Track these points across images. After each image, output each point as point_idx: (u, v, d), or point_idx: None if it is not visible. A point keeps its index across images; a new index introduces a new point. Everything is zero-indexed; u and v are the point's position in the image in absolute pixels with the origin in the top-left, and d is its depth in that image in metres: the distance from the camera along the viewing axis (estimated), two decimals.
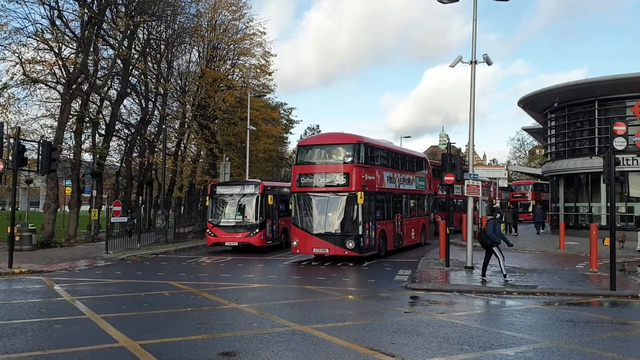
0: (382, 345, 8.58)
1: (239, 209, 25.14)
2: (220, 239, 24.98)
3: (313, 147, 21.63)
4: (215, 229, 25.12)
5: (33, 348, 8.33)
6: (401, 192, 24.63)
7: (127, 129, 36.46)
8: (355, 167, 19.92)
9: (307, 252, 20.50)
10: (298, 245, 20.38)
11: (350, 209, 19.78)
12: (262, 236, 24.58)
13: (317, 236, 20.07)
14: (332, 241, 19.84)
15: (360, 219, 19.60)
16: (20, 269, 17.55)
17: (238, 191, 25.64)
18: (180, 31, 36.43)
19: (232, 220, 25.02)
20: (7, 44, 26.31)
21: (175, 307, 11.91)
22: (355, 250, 19.58)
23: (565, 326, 10.46)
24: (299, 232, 20.44)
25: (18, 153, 18.11)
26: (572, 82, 32.58)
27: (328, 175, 20.22)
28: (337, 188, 19.96)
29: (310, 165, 20.83)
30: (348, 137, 21.22)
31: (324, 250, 20.07)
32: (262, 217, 24.67)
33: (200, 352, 8.19)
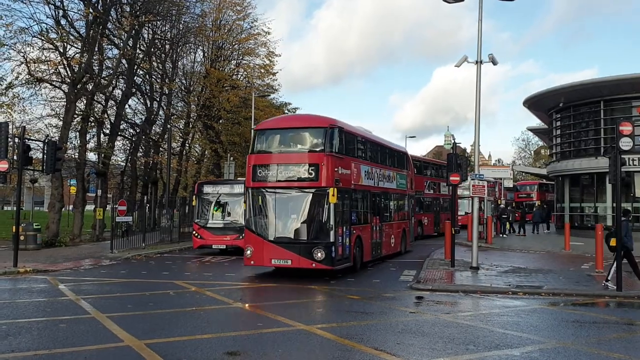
0: (388, 345, 8.56)
1: (227, 209, 23.81)
2: (208, 242, 23.43)
3: (273, 132, 17.45)
4: (202, 231, 23.58)
5: (39, 347, 8.34)
6: (380, 191, 20.58)
7: (132, 129, 36.51)
8: (326, 156, 15.88)
9: (264, 263, 16.32)
10: (252, 255, 16.23)
11: (319, 209, 15.82)
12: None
13: (277, 244, 15.92)
14: (296, 250, 15.78)
15: (332, 223, 15.58)
16: (25, 268, 17.60)
17: (226, 190, 24.23)
18: (185, 31, 36.47)
19: (220, 222, 23.56)
20: (13, 43, 26.42)
21: (180, 306, 11.91)
22: (325, 261, 15.50)
23: (571, 327, 10.42)
24: (254, 239, 16.29)
25: (23, 152, 18.15)
26: (578, 82, 32.49)
27: (291, 167, 16.26)
28: (303, 183, 16.04)
29: (268, 155, 16.86)
30: (317, 120, 17.23)
31: (285, 262, 15.91)
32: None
33: (206, 352, 8.18)
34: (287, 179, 16.22)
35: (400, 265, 19.77)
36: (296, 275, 16.48)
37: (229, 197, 23.95)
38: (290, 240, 16.02)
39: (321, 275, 16.25)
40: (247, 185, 16.78)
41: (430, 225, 34.69)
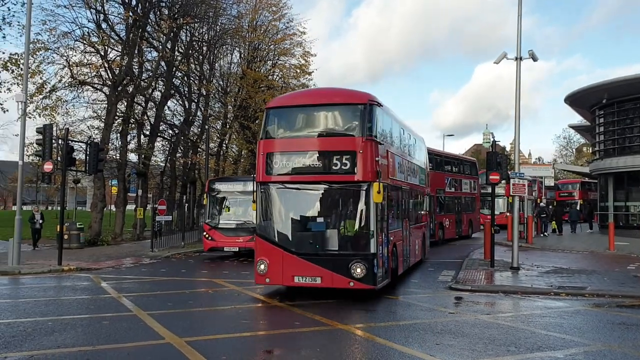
0: (427, 345, 8.46)
1: (240, 208, 21.96)
2: (219, 243, 21.58)
3: (293, 111, 13.61)
4: (213, 232, 21.82)
5: (83, 343, 8.54)
6: (408, 188, 17.29)
7: (171, 130, 37.07)
8: (365, 142, 12.30)
9: (284, 282, 12.69)
10: (268, 271, 12.57)
11: (356, 211, 12.45)
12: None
13: (302, 256, 12.30)
14: (328, 265, 12.13)
15: (373, 228, 12.19)
16: (69, 266, 18.06)
17: (240, 188, 22.22)
18: (222, 32, 36.83)
19: (232, 222, 21.70)
20: (56, 47, 27.13)
21: (219, 304, 12.04)
22: (366, 279, 11.92)
23: (617, 329, 10.11)
24: (269, 249, 12.66)
25: (67, 154, 18.62)
26: (622, 78, 31.55)
27: (318, 156, 12.62)
28: (334, 177, 12.45)
29: (287, 140, 13.13)
30: (353, 95, 13.60)
31: (312, 280, 12.24)
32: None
33: (245, 350, 8.24)
34: (313, 171, 12.59)
35: (439, 265, 19.53)
36: None
37: (242, 195, 22.01)
38: (320, 251, 12.41)
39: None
40: (257, 179, 13.09)
41: (452, 228, 30.82)
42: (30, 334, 9.06)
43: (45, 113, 26.43)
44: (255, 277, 12.98)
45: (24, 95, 18.96)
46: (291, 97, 15.31)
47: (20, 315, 10.75)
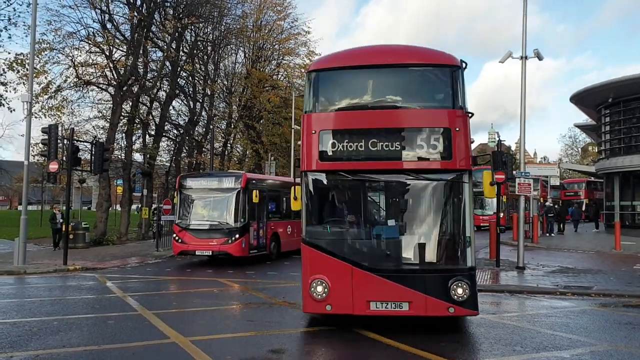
0: (432, 345, 8.43)
1: (215, 208, 19.77)
2: (190, 247, 19.17)
3: (357, 74, 10.04)
4: (183, 234, 19.36)
5: (88, 343, 8.55)
6: None
7: (176, 130, 37.16)
8: (463, 116, 9.27)
9: (355, 310, 9.04)
10: (330, 295, 9.05)
11: (451, 210, 9.46)
12: (243, 244, 18.74)
13: (382, 274, 8.99)
14: (418, 286, 8.92)
15: (470, 233, 9.14)
16: (74, 266, 18.11)
17: (214, 185, 19.94)
18: (227, 32, 36.89)
19: (205, 223, 19.38)
20: (61, 47, 27.23)
21: (224, 304, 12.04)
22: (468, 303, 8.86)
23: (623, 329, 10.06)
24: (330, 265, 9.19)
25: (72, 153, 18.66)
26: (627, 77, 31.41)
27: (398, 135, 9.31)
28: (421, 164, 9.27)
29: (353, 114, 9.82)
30: (439, 55, 9.88)
31: (397, 306, 8.96)
32: (244, 219, 18.95)
33: (250, 349, 8.23)
34: (390, 155, 9.22)
35: None
36: None
37: (216, 192, 19.82)
38: (405, 266, 9.33)
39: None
40: (305, 168, 9.60)
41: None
42: (35, 334, 9.08)
43: (51, 113, 26.52)
44: (306, 303, 9.33)
45: (29, 96, 19.02)
46: (352, 55, 10.36)
47: (25, 314, 10.78)
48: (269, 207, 21.00)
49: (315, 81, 9.91)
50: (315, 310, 9.42)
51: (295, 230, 22.15)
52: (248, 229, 19.15)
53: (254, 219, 19.56)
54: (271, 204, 21.24)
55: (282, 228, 21.65)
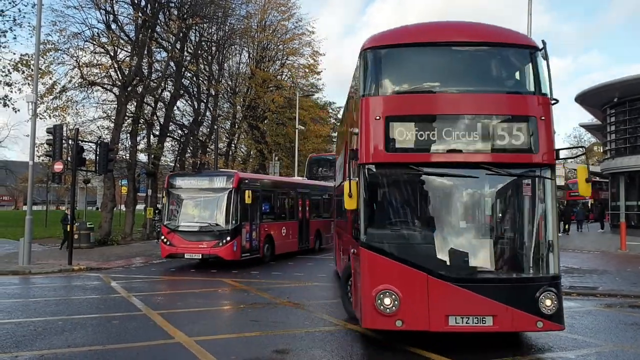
0: (436, 345, 8.40)
1: (205, 208, 18.74)
2: (179, 250, 18.13)
3: (426, 50, 8.85)
4: (171, 236, 18.33)
5: (93, 343, 8.56)
6: None
7: (181, 130, 37.18)
8: (547, 104, 8.35)
9: (431, 326, 7.90)
10: (401, 308, 7.87)
11: (534, 210, 8.40)
12: (234, 246, 17.86)
13: (462, 284, 7.94)
14: (502, 297, 7.89)
15: (553, 237, 8.20)
16: (79, 266, 18.14)
17: (204, 185, 18.93)
18: (231, 33, 36.91)
19: (194, 224, 18.36)
20: (66, 48, 27.27)
21: (228, 304, 12.05)
22: (556, 317, 7.93)
23: (629, 329, 10.02)
24: (399, 273, 8.04)
25: (77, 154, 18.69)
26: (633, 76, 31.26)
27: (479, 124, 8.23)
28: (505, 157, 8.23)
29: (425, 97, 8.58)
30: (517, 35, 8.95)
31: (480, 320, 7.89)
32: (235, 221, 18.00)
33: (255, 349, 8.23)
34: (467, 147, 8.18)
35: None
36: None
37: (206, 192, 18.78)
38: (488, 275, 8.22)
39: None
40: (364, 160, 8.28)
41: None
42: (40, 333, 9.10)
43: (56, 113, 26.58)
44: (368, 318, 8.04)
45: (34, 96, 19.07)
46: (423, 31, 9.05)
47: (30, 314, 10.80)
48: (263, 207, 20.09)
49: (376, 60, 8.71)
50: (381, 326, 8.06)
51: (291, 232, 22.13)
52: (240, 231, 18.18)
53: (246, 221, 18.62)
54: (265, 205, 20.37)
55: (276, 230, 20.88)
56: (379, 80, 8.67)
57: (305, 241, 23.50)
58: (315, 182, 26.95)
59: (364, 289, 8.13)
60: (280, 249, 21.01)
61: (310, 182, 26.66)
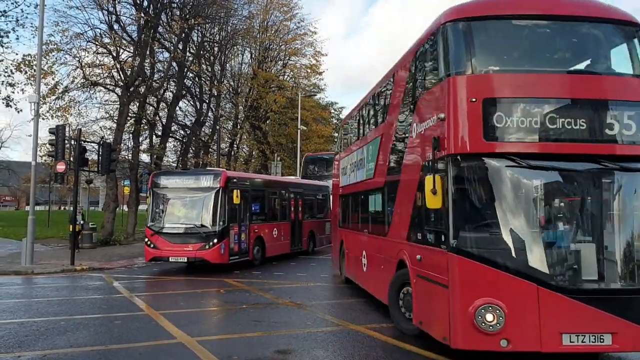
0: (443, 347, 8.39)
1: (191, 209, 17.73)
2: (163, 253, 17.23)
3: (528, 23, 7.72)
4: (155, 238, 17.44)
5: (95, 343, 8.57)
6: None
7: (183, 130, 37.26)
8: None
9: (545, 346, 6.86)
10: (506, 324, 6.83)
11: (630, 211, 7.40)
12: (221, 249, 16.94)
13: (576, 296, 6.88)
14: (625, 312, 6.91)
15: None
16: (81, 266, 18.18)
17: (190, 184, 17.86)
18: (233, 33, 36.97)
19: (179, 226, 17.39)
20: (69, 48, 27.34)
21: (230, 304, 12.05)
22: None
23: None
24: (502, 283, 6.94)
25: (79, 154, 18.74)
26: None
27: (588, 111, 7.21)
28: (617, 148, 7.29)
29: (530, 77, 7.42)
30: (617, 11, 7.85)
31: (598, 339, 6.90)
32: (223, 222, 17.07)
33: (256, 350, 8.23)
34: (576, 136, 7.15)
35: None
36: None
37: (192, 192, 17.74)
38: (607, 288, 7.16)
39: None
40: (459, 149, 7.20)
41: None
42: (43, 334, 9.12)
43: (58, 114, 26.67)
44: (463, 336, 7.03)
45: (37, 96, 19.12)
46: (522, 3, 7.83)
47: (33, 314, 10.82)
48: (252, 208, 19.11)
49: (465, 33, 7.51)
50: (481, 347, 6.93)
51: (283, 234, 21.26)
52: (228, 232, 17.25)
53: (234, 222, 17.74)
54: (255, 205, 19.37)
55: (267, 231, 19.91)
56: (470, 56, 7.41)
57: (298, 243, 22.70)
58: (309, 182, 26.16)
59: (456, 303, 7.01)
60: (271, 251, 20.15)
61: (303, 181, 25.91)
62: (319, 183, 26.13)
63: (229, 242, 17.33)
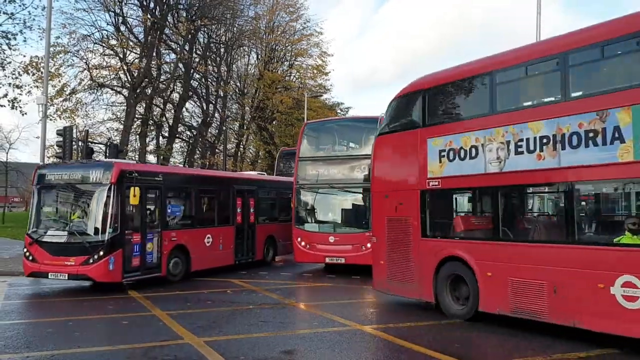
0: (452, 348, 8.37)
1: (74, 212, 14.14)
2: (42, 267, 13.65)
3: None
4: (34, 248, 13.92)
5: (102, 343, 8.62)
6: None
7: (189, 131, 37.38)
8: None
9: None
10: None
11: None
12: (110, 264, 13.21)
13: None
14: None
15: None
16: None
17: (76, 179, 14.02)
18: (239, 34, 37.06)
19: (60, 234, 13.78)
20: (76, 50, 27.55)
21: (237, 304, 12.06)
22: None
23: None
24: None
25: (87, 155, 18.82)
26: None
27: None
28: None
29: None
30: None
31: None
32: (114, 229, 13.32)
33: (263, 350, 8.23)
34: None
35: None
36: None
37: (78, 190, 14.09)
38: None
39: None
40: None
41: None
42: (50, 334, 9.16)
43: (66, 115, 26.85)
44: None
45: (44, 98, 19.23)
46: None
47: (40, 315, 10.87)
48: (169, 210, 15.46)
49: None
50: None
51: (222, 241, 17.29)
52: (122, 242, 13.53)
53: (134, 228, 14.06)
54: (173, 206, 15.72)
55: (193, 239, 16.04)
56: None
57: (249, 252, 18.77)
58: (270, 178, 22.40)
59: None
60: (201, 263, 16.34)
61: (258, 177, 21.56)
62: (282, 179, 22.19)
63: (122, 255, 13.53)
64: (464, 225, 10.72)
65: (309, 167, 17.63)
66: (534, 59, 9.42)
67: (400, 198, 11.41)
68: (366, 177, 16.17)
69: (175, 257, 15.38)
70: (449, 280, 10.42)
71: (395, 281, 11.53)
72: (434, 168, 10.66)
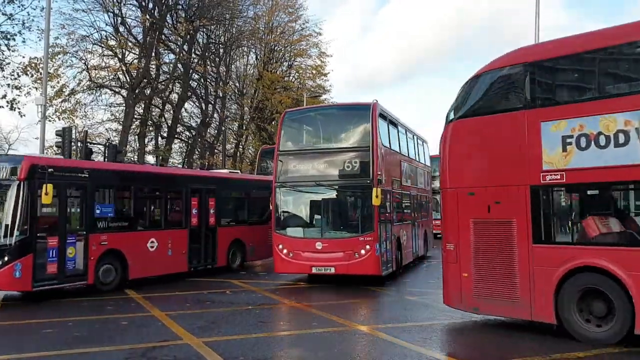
0: (454, 348, 8.38)
1: None
2: None
3: None
4: None
5: (102, 343, 8.60)
6: None
7: (188, 132, 37.36)
8: None
9: None
10: None
11: None
12: (16, 272, 11.71)
13: None
14: None
15: None
16: None
17: None
18: (239, 34, 37.04)
19: None
20: (74, 51, 27.52)
21: (236, 305, 12.06)
22: None
23: None
24: None
25: (86, 156, 18.79)
26: None
27: None
28: None
29: None
30: None
31: None
32: (22, 232, 11.89)
33: (262, 350, 8.23)
34: None
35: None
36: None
37: None
38: None
39: None
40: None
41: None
42: (50, 334, 9.15)
43: (65, 116, 26.78)
44: None
45: (43, 99, 19.22)
46: None
47: (40, 316, 10.86)
48: (99, 210, 13.70)
49: None
50: None
51: (171, 246, 15.70)
52: (32, 246, 12.00)
53: (51, 231, 12.55)
54: (104, 206, 14.00)
55: (132, 243, 14.44)
56: None
57: (207, 257, 17.18)
58: (236, 176, 20.54)
59: None
60: (142, 270, 14.78)
61: (220, 174, 19.17)
62: (250, 177, 21.12)
63: (33, 261, 11.97)
64: (605, 228, 8.50)
65: (291, 162, 15.06)
66: None
67: (496, 196, 9.23)
68: (357, 172, 14.37)
69: (106, 263, 13.71)
70: (578, 296, 8.46)
71: (488, 297, 9.26)
72: (553, 158, 8.59)
